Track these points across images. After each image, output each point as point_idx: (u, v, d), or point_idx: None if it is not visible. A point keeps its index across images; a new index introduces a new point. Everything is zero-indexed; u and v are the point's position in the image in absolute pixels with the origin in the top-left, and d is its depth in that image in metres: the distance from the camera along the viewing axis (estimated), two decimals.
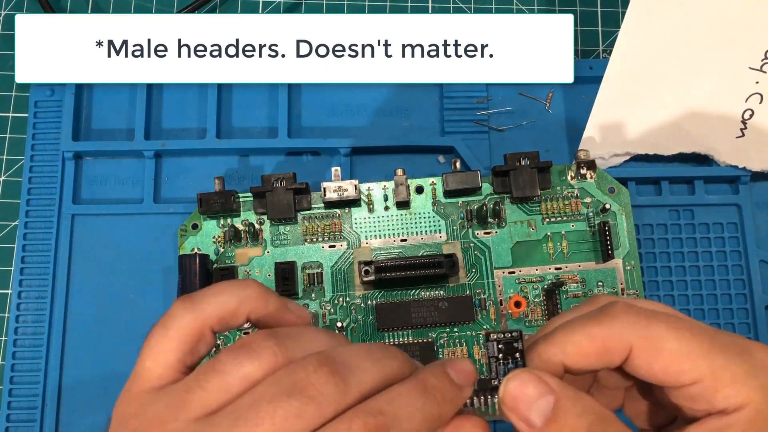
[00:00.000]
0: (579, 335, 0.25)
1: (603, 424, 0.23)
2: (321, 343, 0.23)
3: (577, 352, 0.25)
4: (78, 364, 0.41)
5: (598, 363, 0.25)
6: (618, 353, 0.24)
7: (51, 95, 0.45)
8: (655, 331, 0.24)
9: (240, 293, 0.24)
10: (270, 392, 0.21)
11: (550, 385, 0.23)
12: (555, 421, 0.23)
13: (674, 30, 0.43)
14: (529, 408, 0.23)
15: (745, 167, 0.43)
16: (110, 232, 0.43)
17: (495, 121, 0.45)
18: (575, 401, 0.23)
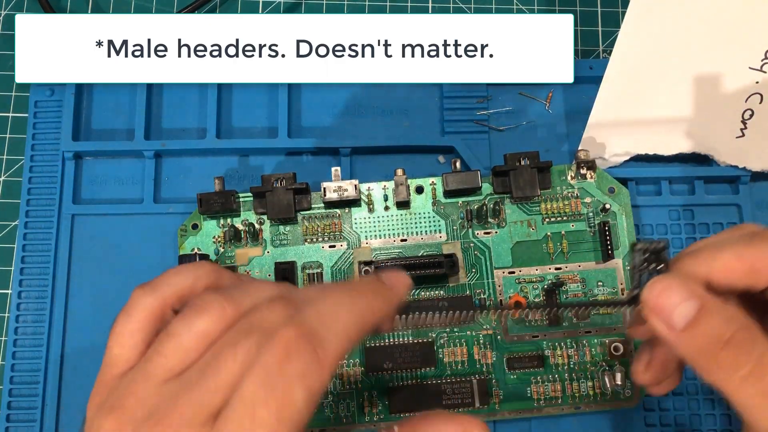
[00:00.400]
0: (728, 254, 0.25)
1: (751, 333, 0.23)
2: (268, 289, 0.24)
3: (725, 268, 0.25)
4: (78, 364, 0.41)
5: (743, 282, 0.25)
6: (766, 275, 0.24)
7: (51, 95, 0.45)
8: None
9: (194, 272, 0.25)
10: (230, 338, 0.21)
11: (695, 290, 0.24)
12: (700, 322, 0.23)
13: (674, 30, 0.43)
14: (673, 309, 0.23)
15: (745, 167, 0.43)
16: (110, 232, 0.43)
17: (495, 121, 0.45)
18: (722, 309, 0.23)
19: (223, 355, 0.21)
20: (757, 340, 0.23)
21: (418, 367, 0.39)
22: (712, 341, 0.23)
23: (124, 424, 0.22)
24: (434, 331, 0.40)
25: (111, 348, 0.24)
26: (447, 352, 0.39)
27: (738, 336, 0.23)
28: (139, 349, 0.24)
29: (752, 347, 0.23)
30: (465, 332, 0.40)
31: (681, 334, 0.23)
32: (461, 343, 0.40)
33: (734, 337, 0.23)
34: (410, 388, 0.39)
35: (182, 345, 0.22)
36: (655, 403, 0.40)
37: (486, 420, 0.39)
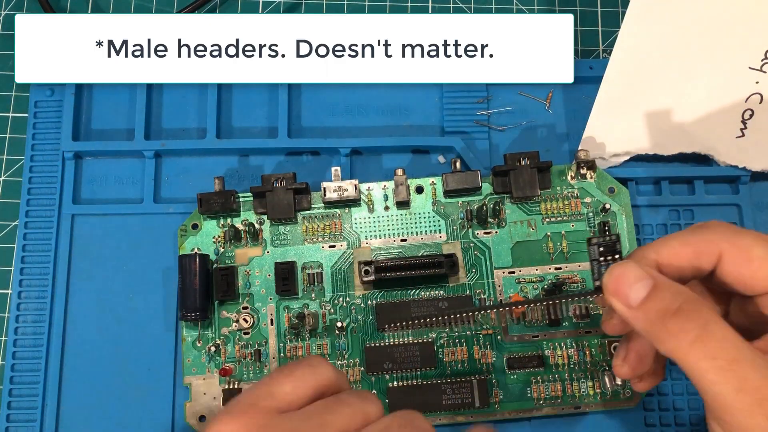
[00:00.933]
0: (675, 241, 0.28)
1: (697, 303, 0.25)
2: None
3: (671, 254, 0.28)
4: (78, 364, 0.41)
5: (690, 266, 0.28)
6: (708, 258, 0.27)
7: (51, 95, 0.45)
8: (744, 240, 0.27)
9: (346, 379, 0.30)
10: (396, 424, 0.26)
11: (648, 271, 0.26)
12: (652, 297, 0.26)
13: (674, 30, 0.43)
14: (629, 289, 0.26)
15: (745, 167, 0.43)
16: (110, 232, 0.43)
17: (495, 121, 0.45)
18: (671, 285, 0.26)
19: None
20: (703, 310, 0.25)
21: (418, 367, 0.39)
22: (662, 312, 0.25)
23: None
24: (434, 331, 0.40)
25: (282, 384, 0.27)
26: (447, 352, 0.39)
27: (685, 306, 0.25)
28: (304, 402, 0.27)
29: (698, 315, 0.25)
30: (465, 332, 0.40)
31: (636, 311, 0.26)
32: (461, 343, 0.40)
33: (681, 307, 0.25)
34: (410, 388, 0.39)
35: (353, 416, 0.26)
36: (655, 403, 0.40)
37: (486, 420, 0.39)
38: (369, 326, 0.40)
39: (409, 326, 0.37)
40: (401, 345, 0.39)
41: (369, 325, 0.40)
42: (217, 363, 0.40)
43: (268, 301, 0.40)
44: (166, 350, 0.41)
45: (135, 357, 0.41)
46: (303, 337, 0.40)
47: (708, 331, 0.24)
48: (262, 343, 0.40)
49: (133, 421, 0.40)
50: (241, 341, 0.40)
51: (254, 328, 0.40)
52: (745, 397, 0.24)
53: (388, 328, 0.39)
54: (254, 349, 0.40)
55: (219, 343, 0.40)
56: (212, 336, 0.40)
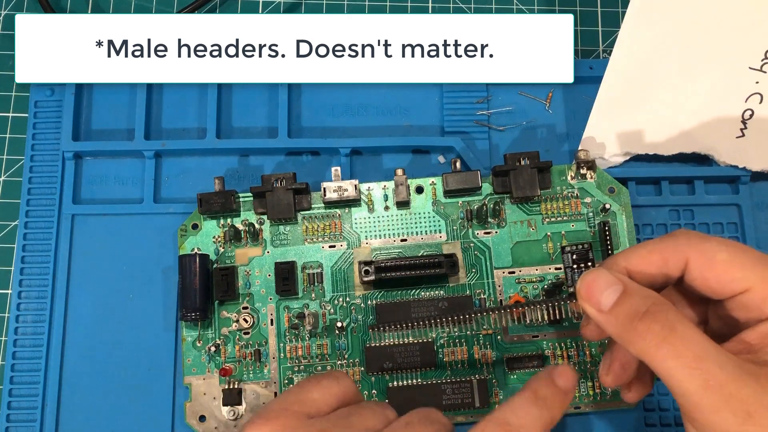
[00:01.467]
0: (644, 248, 0.29)
1: (664, 305, 0.26)
2: None
3: (640, 261, 0.29)
4: (78, 364, 0.41)
5: (658, 272, 0.29)
6: (675, 264, 0.28)
7: (51, 95, 0.45)
8: (708, 245, 0.28)
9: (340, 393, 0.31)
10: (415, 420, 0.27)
11: (618, 277, 0.28)
12: (622, 302, 0.27)
13: (674, 30, 0.43)
14: (600, 294, 0.27)
15: (745, 167, 0.43)
16: (110, 232, 0.43)
17: (495, 121, 0.45)
18: (640, 289, 0.27)
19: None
20: (669, 312, 0.26)
21: (418, 367, 0.39)
22: (631, 315, 0.26)
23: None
24: (434, 331, 0.40)
25: (310, 392, 0.29)
26: (447, 352, 0.39)
27: (652, 309, 0.26)
28: (330, 409, 0.29)
29: (665, 317, 0.26)
30: (465, 332, 0.40)
31: (607, 315, 0.27)
32: (461, 343, 0.40)
33: (649, 310, 0.26)
34: (410, 388, 0.39)
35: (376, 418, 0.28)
36: (655, 403, 0.40)
37: None
38: (369, 326, 0.40)
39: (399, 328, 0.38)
40: (401, 345, 0.39)
41: (369, 325, 0.40)
42: (217, 363, 0.40)
43: (268, 301, 0.40)
44: (166, 350, 0.41)
45: (135, 357, 0.41)
46: (303, 337, 0.40)
47: (674, 331, 0.25)
48: (262, 343, 0.40)
49: (133, 421, 0.40)
50: (241, 341, 0.40)
51: (254, 328, 0.40)
52: (711, 395, 0.24)
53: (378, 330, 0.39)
54: (254, 349, 0.40)
55: (219, 343, 0.40)
56: (212, 336, 0.40)
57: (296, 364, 0.40)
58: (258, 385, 0.40)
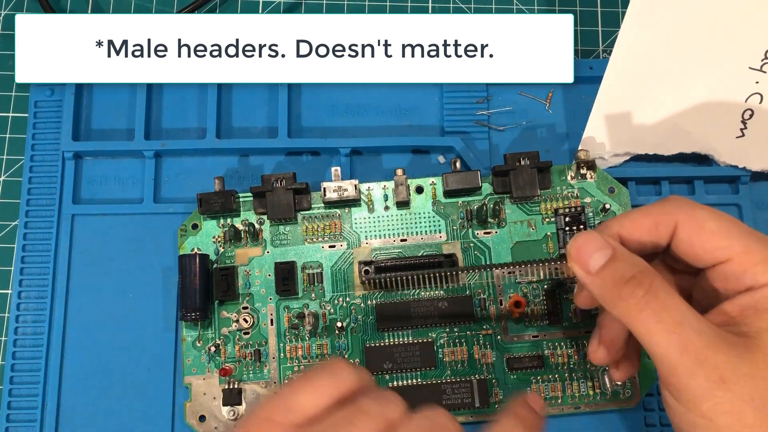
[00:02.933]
0: (636, 212, 0.30)
1: (649, 273, 0.27)
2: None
3: (632, 224, 0.29)
4: (78, 364, 0.41)
5: (648, 236, 0.29)
6: (665, 228, 0.29)
7: (51, 95, 0.45)
8: (698, 212, 0.28)
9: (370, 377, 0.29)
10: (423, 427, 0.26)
11: (608, 242, 0.28)
12: (609, 265, 0.28)
13: (674, 30, 0.43)
14: (589, 256, 0.28)
15: (745, 167, 0.43)
16: (110, 232, 0.43)
17: (495, 121, 0.45)
18: (628, 256, 0.28)
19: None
20: (654, 279, 0.27)
21: (418, 367, 0.39)
22: (617, 279, 0.27)
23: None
24: (434, 331, 0.40)
25: (299, 394, 0.26)
26: (447, 352, 0.39)
27: (638, 275, 0.27)
28: (323, 412, 0.26)
29: (649, 283, 0.27)
30: (465, 332, 0.40)
31: (594, 276, 0.28)
32: (461, 343, 0.40)
33: (635, 276, 0.27)
34: (410, 388, 0.39)
35: (374, 426, 0.25)
36: (655, 403, 0.40)
37: (486, 420, 0.39)
38: (369, 326, 0.40)
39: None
40: (401, 345, 0.39)
41: (369, 325, 0.40)
42: (217, 363, 0.40)
43: (268, 301, 0.40)
44: (166, 350, 0.41)
45: (135, 357, 0.41)
46: (303, 337, 0.40)
47: (657, 297, 0.26)
48: (262, 343, 0.40)
49: (133, 421, 0.40)
50: (241, 341, 0.40)
51: (254, 328, 0.40)
52: (687, 358, 0.25)
53: (385, 330, 0.39)
54: (254, 349, 0.40)
55: (219, 343, 0.40)
56: (212, 336, 0.40)
57: (296, 364, 0.40)
58: (258, 385, 0.40)
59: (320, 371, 0.27)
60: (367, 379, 0.28)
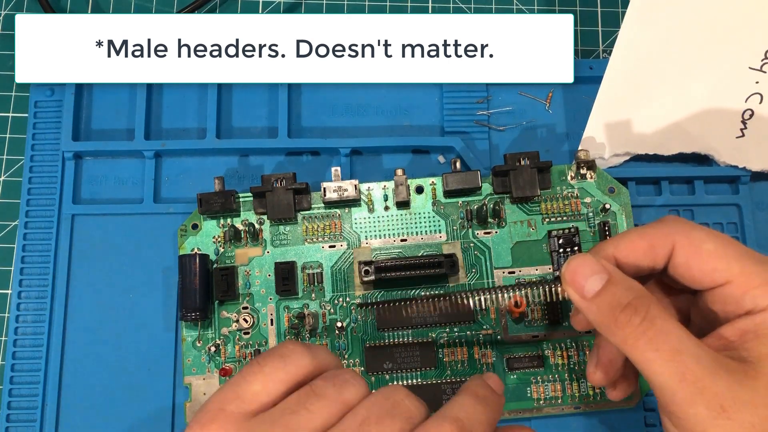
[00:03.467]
0: (632, 234, 0.29)
1: (646, 299, 0.26)
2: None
3: (628, 247, 0.29)
4: (78, 364, 0.41)
5: (645, 259, 0.28)
6: (662, 249, 0.28)
7: (51, 95, 0.45)
8: (696, 234, 0.28)
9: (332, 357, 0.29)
10: (374, 414, 0.25)
11: (604, 265, 0.27)
12: (605, 291, 0.27)
13: (674, 30, 0.43)
14: (584, 281, 0.27)
15: (745, 167, 0.43)
16: (110, 232, 0.43)
17: (495, 121, 0.45)
18: (625, 279, 0.27)
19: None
20: (651, 305, 0.26)
21: (418, 367, 0.39)
22: (613, 306, 0.26)
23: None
24: (434, 331, 0.40)
25: (251, 383, 0.26)
26: (447, 352, 0.39)
27: (635, 302, 0.26)
28: (277, 398, 0.26)
29: (646, 309, 0.26)
30: (465, 332, 0.40)
31: (590, 302, 0.27)
32: (461, 343, 0.40)
33: (631, 302, 0.26)
34: (410, 389, 0.39)
35: (329, 409, 0.25)
36: (655, 404, 0.40)
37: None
38: (369, 326, 0.40)
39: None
40: (401, 345, 0.39)
41: (369, 325, 0.40)
42: (217, 363, 0.40)
43: (268, 301, 0.40)
44: (166, 350, 0.41)
45: (135, 357, 0.41)
46: (303, 337, 0.40)
47: (654, 324, 0.26)
48: (262, 343, 0.40)
49: (133, 421, 0.40)
50: (241, 341, 0.40)
51: (254, 328, 0.40)
52: (686, 387, 0.25)
53: (386, 330, 0.39)
54: (254, 349, 0.40)
55: (219, 343, 0.40)
56: (212, 336, 0.40)
57: None
58: None
59: (270, 355, 0.27)
60: (324, 359, 0.28)
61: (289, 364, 0.26)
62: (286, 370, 0.26)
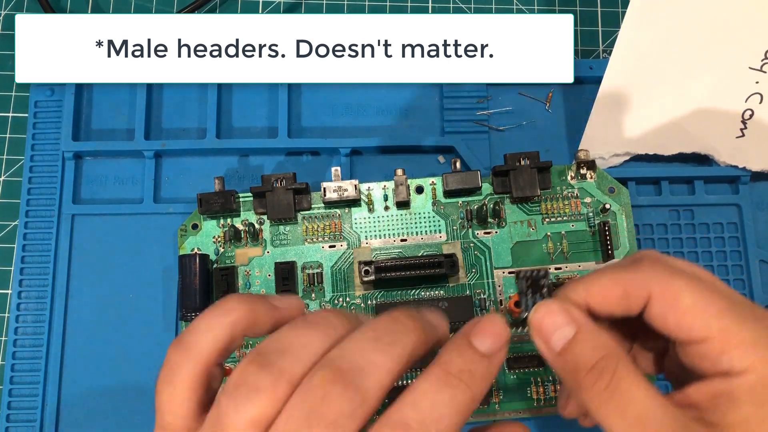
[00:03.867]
0: (605, 278, 0.26)
1: (613, 360, 0.24)
2: (314, 346, 0.22)
3: (601, 293, 0.26)
4: (78, 364, 0.41)
5: (618, 306, 0.26)
6: (637, 299, 0.25)
7: (51, 95, 0.45)
8: (675, 284, 0.25)
9: (228, 320, 0.24)
10: (291, 429, 0.20)
11: (573, 316, 0.25)
12: (572, 348, 0.25)
13: (674, 30, 0.43)
14: (552, 333, 0.25)
15: (745, 167, 0.43)
16: (110, 232, 0.43)
17: (495, 121, 0.45)
18: (593, 335, 0.25)
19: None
20: (619, 367, 0.24)
21: (418, 367, 0.39)
22: (579, 366, 0.24)
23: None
24: None
25: (163, 416, 0.23)
26: None
27: (601, 363, 0.24)
28: (193, 413, 0.23)
29: (612, 372, 0.24)
30: None
31: (557, 356, 0.25)
32: None
33: (597, 364, 0.24)
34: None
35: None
36: None
37: (486, 420, 0.39)
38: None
39: None
40: None
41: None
42: None
43: None
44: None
45: (135, 357, 0.41)
46: None
47: (619, 389, 0.24)
48: None
49: (133, 422, 0.40)
50: None
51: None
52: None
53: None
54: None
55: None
56: None
57: None
58: None
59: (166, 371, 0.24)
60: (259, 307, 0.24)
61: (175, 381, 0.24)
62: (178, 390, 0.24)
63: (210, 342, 0.24)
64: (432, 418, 0.21)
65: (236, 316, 0.24)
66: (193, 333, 0.24)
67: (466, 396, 0.22)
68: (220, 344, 0.24)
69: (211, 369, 0.24)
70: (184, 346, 0.24)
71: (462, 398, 0.22)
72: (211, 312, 0.24)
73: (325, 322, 0.23)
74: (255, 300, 0.25)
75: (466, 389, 0.22)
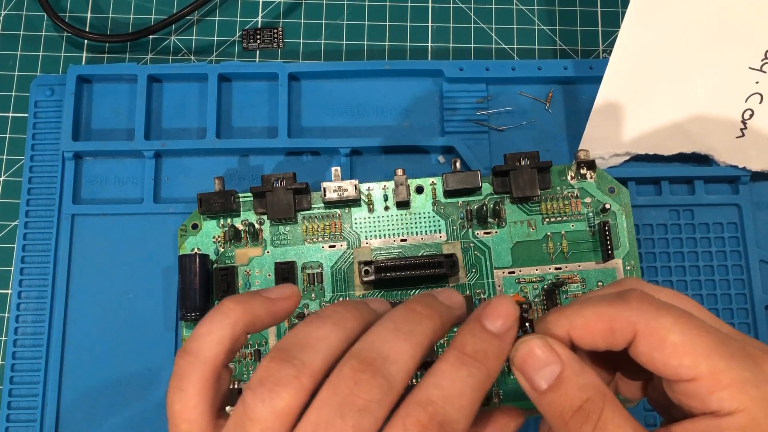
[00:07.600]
0: (590, 312, 0.25)
1: (600, 401, 0.24)
2: (330, 338, 0.23)
3: (584, 327, 0.25)
4: (78, 364, 0.41)
5: (603, 342, 0.25)
6: (622, 336, 0.25)
7: (51, 95, 0.45)
8: (662, 322, 0.24)
9: (227, 321, 0.25)
10: (323, 419, 0.21)
11: (558, 353, 0.24)
12: (557, 389, 0.24)
13: (674, 30, 0.43)
14: (536, 372, 0.24)
15: (745, 167, 0.43)
16: (110, 232, 0.43)
17: (495, 121, 0.45)
18: (579, 374, 0.24)
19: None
20: (605, 407, 0.24)
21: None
22: (564, 407, 0.24)
23: None
24: None
25: (178, 424, 0.24)
26: None
27: (587, 406, 0.24)
28: (207, 417, 0.24)
29: (597, 416, 0.24)
30: None
31: (541, 396, 0.24)
32: None
33: (583, 406, 0.24)
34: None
35: (268, 429, 0.22)
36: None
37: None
38: None
39: None
40: None
41: None
42: None
43: None
44: (166, 350, 0.41)
45: (135, 357, 0.41)
46: None
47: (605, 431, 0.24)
48: (262, 343, 0.40)
49: (133, 422, 0.40)
50: None
51: None
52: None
53: None
54: (254, 349, 0.40)
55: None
56: None
57: None
58: None
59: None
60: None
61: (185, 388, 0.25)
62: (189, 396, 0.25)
63: (213, 344, 0.24)
64: (453, 394, 0.22)
65: (234, 316, 0.25)
66: (195, 339, 0.25)
67: (482, 373, 0.23)
68: (224, 345, 0.24)
69: (219, 372, 0.24)
70: (189, 352, 0.25)
71: (478, 375, 0.23)
72: (210, 317, 0.25)
73: (336, 315, 0.24)
74: (250, 297, 0.26)
75: (482, 366, 0.23)
